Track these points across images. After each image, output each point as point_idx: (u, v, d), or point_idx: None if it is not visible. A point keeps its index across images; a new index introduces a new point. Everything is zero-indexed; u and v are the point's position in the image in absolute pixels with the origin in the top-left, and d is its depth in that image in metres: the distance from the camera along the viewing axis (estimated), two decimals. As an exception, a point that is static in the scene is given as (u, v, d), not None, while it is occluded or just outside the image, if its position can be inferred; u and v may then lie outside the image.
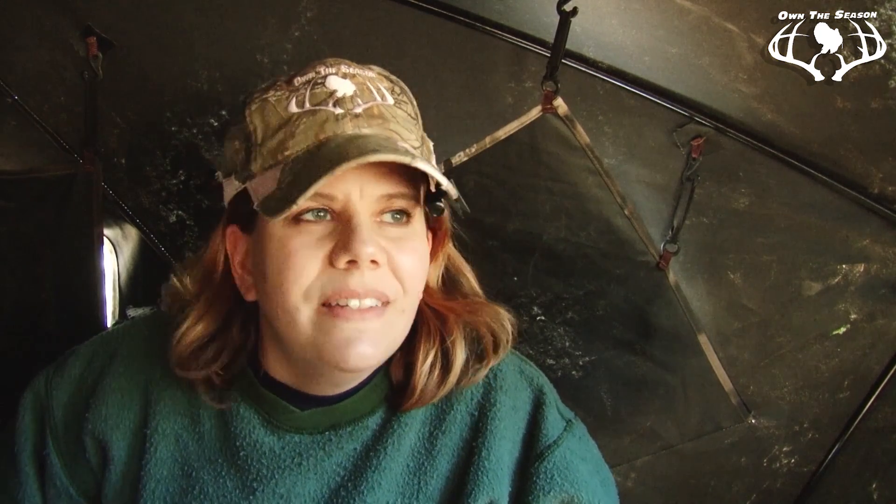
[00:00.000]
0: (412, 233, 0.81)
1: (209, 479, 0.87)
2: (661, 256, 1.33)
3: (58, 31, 1.32)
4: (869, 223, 1.22)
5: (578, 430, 0.95)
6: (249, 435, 0.87)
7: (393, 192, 0.77)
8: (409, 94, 0.85)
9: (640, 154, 1.31)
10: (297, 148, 0.76)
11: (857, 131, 1.13)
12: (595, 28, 1.19)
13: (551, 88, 1.23)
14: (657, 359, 1.39)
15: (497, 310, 0.91)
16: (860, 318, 1.29)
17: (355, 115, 0.77)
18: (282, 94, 0.79)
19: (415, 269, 0.80)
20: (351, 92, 0.78)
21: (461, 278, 0.93)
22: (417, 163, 0.72)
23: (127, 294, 1.68)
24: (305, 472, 0.87)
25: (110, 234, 1.60)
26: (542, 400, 0.93)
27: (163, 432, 0.89)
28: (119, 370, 0.91)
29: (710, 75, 1.17)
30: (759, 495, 1.44)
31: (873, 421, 1.32)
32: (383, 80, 0.83)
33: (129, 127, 1.42)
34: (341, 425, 0.88)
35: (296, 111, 0.77)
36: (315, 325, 0.76)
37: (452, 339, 0.87)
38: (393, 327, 0.80)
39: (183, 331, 0.85)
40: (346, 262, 0.74)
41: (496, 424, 0.90)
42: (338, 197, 0.75)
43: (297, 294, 0.75)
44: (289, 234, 0.76)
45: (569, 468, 0.89)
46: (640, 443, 1.45)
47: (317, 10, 1.28)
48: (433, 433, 0.90)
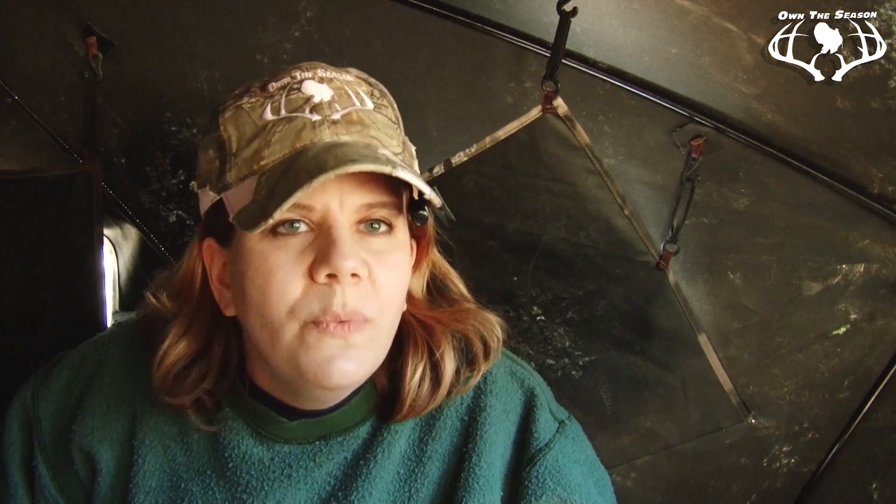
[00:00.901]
0: (394, 244, 0.78)
1: (198, 491, 0.86)
2: (661, 256, 1.33)
3: (58, 31, 1.32)
4: (869, 223, 1.22)
5: (572, 430, 0.92)
6: (238, 446, 0.85)
7: (374, 201, 0.75)
8: (389, 98, 0.83)
9: (640, 154, 1.31)
10: (273, 157, 0.73)
11: (857, 131, 1.13)
12: (595, 28, 1.19)
13: (551, 88, 1.23)
14: (657, 359, 1.39)
15: (485, 315, 0.89)
16: (860, 318, 1.29)
17: (333, 122, 0.74)
18: (256, 100, 0.76)
19: (396, 284, 0.78)
20: (328, 97, 0.75)
21: (448, 283, 0.91)
22: (398, 172, 0.69)
23: (127, 294, 1.68)
24: (295, 482, 0.85)
25: (110, 234, 1.60)
26: (534, 402, 0.91)
27: (150, 444, 0.87)
28: (105, 380, 0.89)
29: (710, 75, 1.17)
30: (759, 495, 1.44)
31: (873, 421, 1.32)
32: (362, 84, 0.80)
33: (129, 127, 1.42)
34: (331, 435, 0.86)
35: (271, 118, 0.74)
36: (299, 341, 0.74)
37: (441, 351, 0.84)
38: (375, 343, 0.77)
39: (164, 351, 0.82)
40: (325, 275, 0.72)
41: (487, 429, 0.88)
42: (316, 207, 0.73)
43: (280, 312, 0.73)
44: (267, 250, 0.74)
45: (561, 471, 0.87)
46: (640, 443, 1.45)
47: (317, 10, 1.28)
48: (423, 439, 0.88)
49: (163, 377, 0.82)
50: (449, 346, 0.86)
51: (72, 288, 1.39)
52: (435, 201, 0.74)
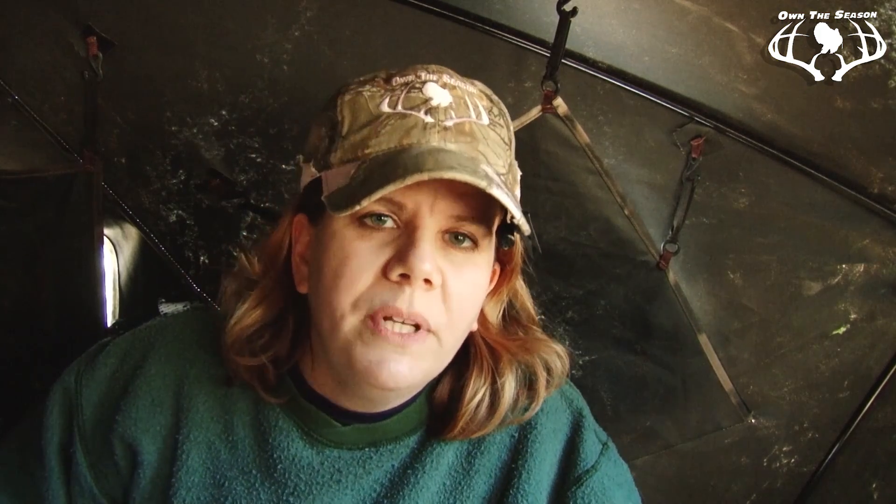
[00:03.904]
0: (475, 262, 0.77)
1: (241, 490, 0.85)
2: (661, 256, 1.33)
3: (58, 31, 1.32)
4: (869, 223, 1.22)
5: (613, 453, 0.93)
6: (288, 448, 0.85)
7: (464, 214, 0.74)
8: (507, 118, 0.82)
9: (640, 154, 1.30)
10: (379, 148, 0.74)
11: (857, 131, 1.13)
12: (595, 28, 1.19)
13: (551, 88, 1.23)
14: (657, 359, 1.39)
15: (552, 346, 0.88)
16: (860, 318, 1.29)
17: (444, 128, 0.74)
18: (377, 90, 0.77)
19: (468, 300, 0.77)
20: (446, 103, 0.76)
21: (523, 312, 0.91)
22: (493, 189, 0.68)
23: (127, 294, 1.68)
24: (343, 488, 0.85)
25: (110, 234, 1.60)
26: (581, 423, 0.92)
27: (195, 439, 0.86)
28: (151, 371, 0.89)
29: (710, 75, 1.17)
30: (759, 495, 1.45)
31: (873, 421, 1.32)
32: (483, 98, 0.80)
33: (129, 127, 1.42)
34: (381, 443, 0.86)
35: (386, 111, 0.75)
36: (356, 335, 0.74)
37: (503, 380, 0.84)
38: (434, 356, 0.77)
39: (241, 313, 0.82)
40: (398, 274, 0.72)
41: (537, 447, 0.88)
42: (407, 206, 0.73)
43: (346, 301, 0.73)
44: (350, 236, 0.74)
45: (605, 494, 0.88)
46: (640, 442, 1.45)
47: (317, 10, 1.28)
48: (472, 453, 0.88)
49: (235, 336, 0.82)
50: (512, 375, 0.85)
51: (72, 288, 1.40)
52: (524, 228, 0.73)
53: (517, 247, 0.84)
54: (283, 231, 0.84)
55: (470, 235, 0.76)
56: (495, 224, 0.78)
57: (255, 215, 1.49)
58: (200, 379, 0.88)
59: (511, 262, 0.86)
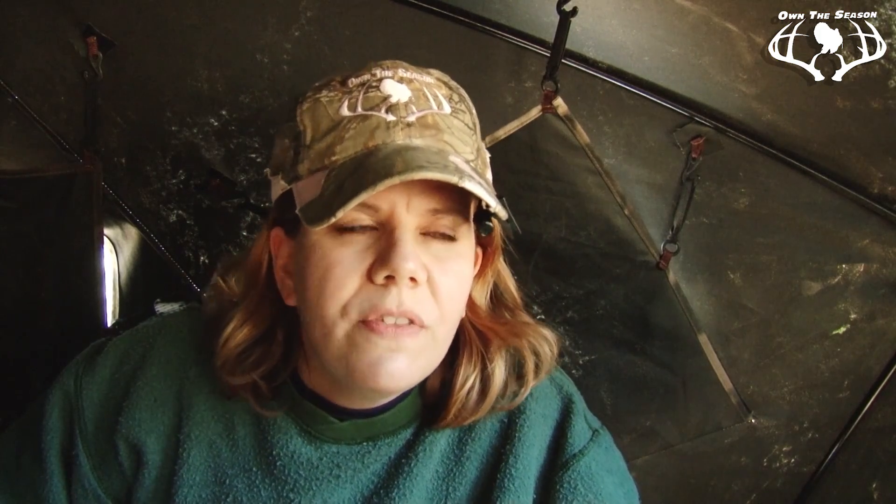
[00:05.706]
0: (457, 252, 0.77)
1: (243, 488, 0.86)
2: (661, 256, 1.33)
3: (58, 31, 1.32)
4: (869, 223, 1.22)
5: (605, 440, 0.93)
6: (287, 445, 0.86)
7: (441, 207, 0.74)
8: (468, 103, 0.82)
9: (640, 154, 1.31)
10: (345, 154, 0.73)
11: (857, 131, 1.13)
12: (595, 28, 1.19)
13: (551, 88, 1.23)
14: (657, 359, 1.39)
15: (542, 331, 0.88)
16: (860, 318, 1.29)
17: (407, 124, 0.74)
18: (335, 94, 0.77)
19: (456, 292, 0.77)
20: (406, 98, 0.75)
21: (507, 294, 0.91)
22: (465, 183, 0.68)
23: (127, 294, 1.68)
24: (342, 482, 0.85)
25: (110, 234, 1.60)
26: (571, 409, 0.92)
27: (196, 438, 0.87)
28: (152, 372, 0.89)
29: (710, 75, 1.17)
30: (759, 495, 1.45)
31: (873, 421, 1.32)
32: (441, 87, 0.80)
33: (129, 127, 1.42)
34: (378, 437, 0.87)
35: (347, 115, 0.74)
36: (349, 341, 0.74)
37: (493, 365, 0.84)
38: (429, 350, 0.77)
39: (228, 333, 0.82)
40: (384, 277, 0.71)
41: (525, 432, 0.88)
42: (382, 208, 0.73)
43: (334, 309, 0.73)
44: (330, 245, 0.74)
45: (593, 479, 0.88)
46: (640, 442, 1.45)
47: (317, 10, 1.28)
48: (463, 439, 0.89)
49: (225, 358, 0.82)
50: (501, 360, 0.86)
51: (72, 288, 1.40)
52: (501, 214, 0.73)
53: (496, 230, 0.84)
54: (260, 247, 0.84)
55: (449, 227, 0.77)
56: (472, 211, 0.78)
57: (255, 215, 1.50)
58: (200, 378, 0.88)
59: (492, 243, 0.86)
